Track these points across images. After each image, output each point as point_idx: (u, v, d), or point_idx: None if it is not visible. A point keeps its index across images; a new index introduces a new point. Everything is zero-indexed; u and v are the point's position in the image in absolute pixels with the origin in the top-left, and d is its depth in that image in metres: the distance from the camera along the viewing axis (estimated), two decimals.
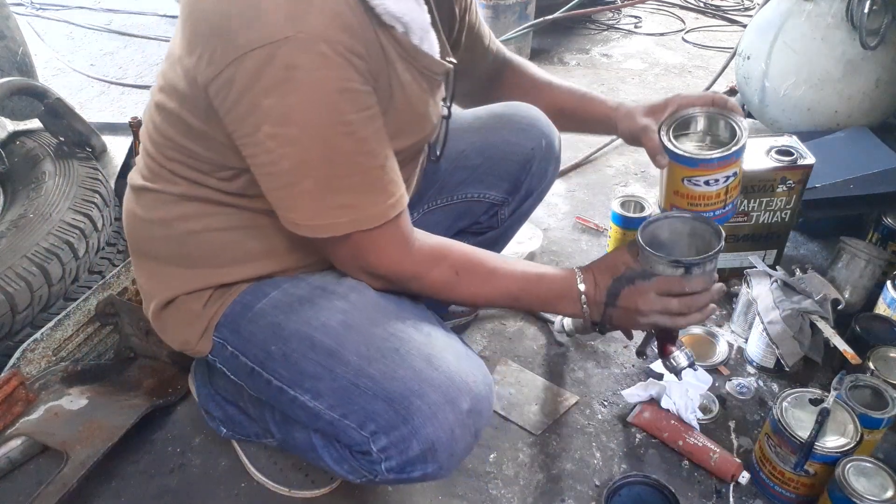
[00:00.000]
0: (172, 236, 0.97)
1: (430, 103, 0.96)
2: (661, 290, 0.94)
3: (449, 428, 0.86)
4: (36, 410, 1.19)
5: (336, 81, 0.76)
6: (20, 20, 2.01)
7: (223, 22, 0.75)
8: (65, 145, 1.56)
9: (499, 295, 0.99)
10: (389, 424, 0.86)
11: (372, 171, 0.84)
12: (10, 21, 1.90)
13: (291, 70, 0.74)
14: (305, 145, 0.79)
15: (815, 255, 1.70)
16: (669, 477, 1.15)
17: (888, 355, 1.21)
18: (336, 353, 0.89)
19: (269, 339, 0.94)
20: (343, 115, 0.78)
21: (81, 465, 1.08)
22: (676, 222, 1.01)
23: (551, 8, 2.84)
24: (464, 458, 0.93)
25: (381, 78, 0.84)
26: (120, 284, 1.38)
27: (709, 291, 0.96)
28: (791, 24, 1.88)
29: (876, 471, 0.99)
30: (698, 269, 0.93)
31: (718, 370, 1.36)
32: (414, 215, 1.23)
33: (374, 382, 0.87)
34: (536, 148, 1.25)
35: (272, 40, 0.73)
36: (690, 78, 2.80)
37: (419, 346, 0.90)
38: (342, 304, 0.93)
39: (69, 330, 1.29)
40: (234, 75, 0.75)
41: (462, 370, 0.89)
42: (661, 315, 0.95)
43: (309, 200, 0.83)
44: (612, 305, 0.97)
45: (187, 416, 1.28)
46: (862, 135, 1.74)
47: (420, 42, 0.87)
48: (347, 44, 0.76)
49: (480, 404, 0.90)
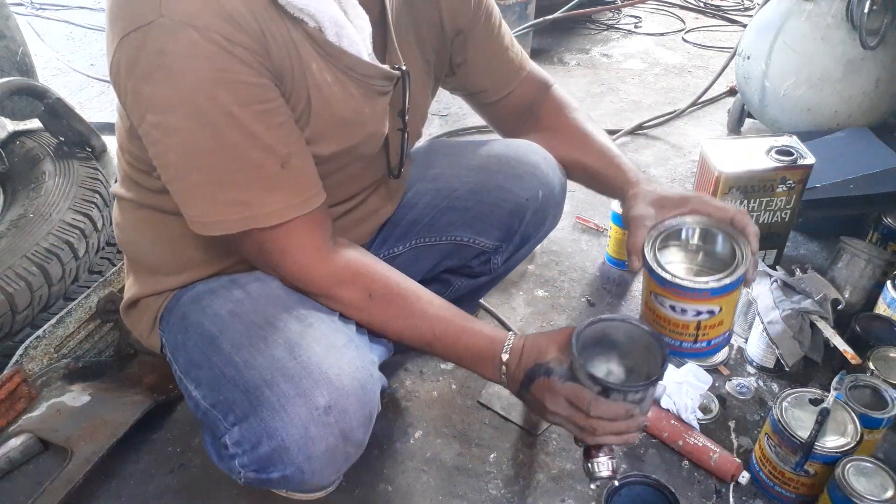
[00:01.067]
0: (136, 242, 1.01)
1: (364, 110, 0.90)
2: (569, 398, 0.84)
3: (301, 424, 0.80)
4: (38, 407, 1.19)
5: (210, 71, 0.73)
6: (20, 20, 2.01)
7: (112, 6, 0.75)
8: (65, 145, 1.56)
9: (411, 335, 0.92)
10: (243, 415, 0.82)
11: (267, 168, 0.79)
12: (10, 21, 1.90)
13: (162, 56, 0.71)
14: (188, 136, 0.76)
15: (815, 255, 1.70)
16: (669, 477, 1.15)
17: (888, 355, 1.21)
18: (215, 341, 0.87)
19: (177, 328, 0.94)
20: (224, 106, 0.74)
21: (86, 461, 1.08)
22: (635, 331, 0.88)
23: (551, 8, 2.84)
24: (335, 464, 0.85)
25: (289, 75, 0.80)
26: (121, 282, 1.38)
27: (626, 421, 0.84)
28: (791, 24, 1.88)
29: (876, 471, 0.99)
30: (617, 394, 0.82)
31: (718, 370, 1.36)
32: (399, 248, 1.19)
33: (236, 371, 0.83)
34: (531, 199, 1.16)
35: (140, 24, 0.71)
36: (690, 78, 2.80)
37: (290, 334, 0.84)
38: (239, 293, 0.91)
39: (71, 327, 1.29)
40: (120, 60, 0.75)
41: (327, 362, 0.82)
42: (567, 422, 0.87)
43: (200, 195, 0.80)
44: (525, 388, 0.89)
45: (187, 415, 1.28)
46: (862, 135, 1.74)
47: (337, 39, 0.83)
48: (226, 32, 0.72)
49: (344, 401, 0.82)
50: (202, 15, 0.71)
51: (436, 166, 1.20)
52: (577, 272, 1.67)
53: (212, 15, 0.71)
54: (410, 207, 1.18)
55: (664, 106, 2.52)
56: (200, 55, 0.72)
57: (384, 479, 1.16)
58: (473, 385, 1.35)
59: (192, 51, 0.71)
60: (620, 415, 0.84)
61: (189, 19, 0.71)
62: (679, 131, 2.37)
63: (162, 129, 0.76)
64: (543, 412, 0.89)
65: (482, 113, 1.25)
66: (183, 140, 0.77)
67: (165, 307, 1.00)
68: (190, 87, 0.73)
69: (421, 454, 1.21)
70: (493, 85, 1.16)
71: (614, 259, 1.67)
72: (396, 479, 1.17)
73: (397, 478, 1.17)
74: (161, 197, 0.89)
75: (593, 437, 0.86)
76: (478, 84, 1.16)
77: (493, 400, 1.31)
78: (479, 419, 1.28)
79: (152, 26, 0.71)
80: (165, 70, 0.72)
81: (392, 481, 1.16)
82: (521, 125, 1.21)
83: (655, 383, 0.84)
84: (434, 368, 1.39)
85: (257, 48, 0.75)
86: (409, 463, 1.20)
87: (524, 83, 1.17)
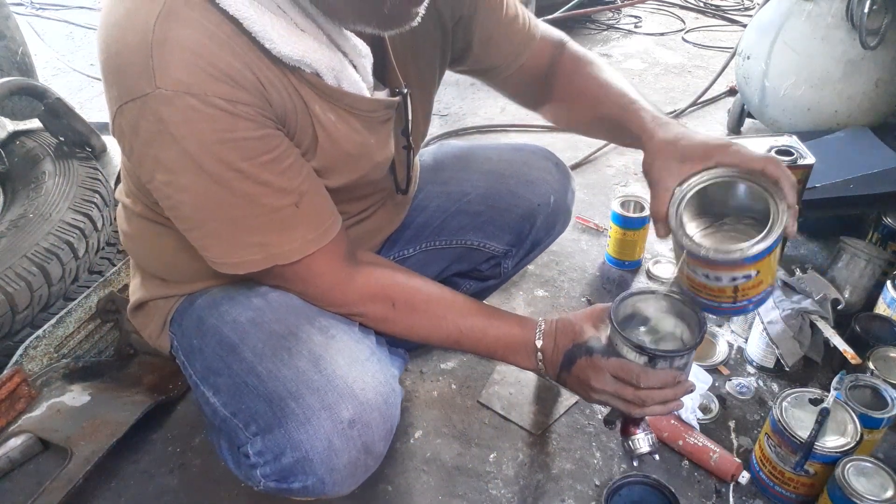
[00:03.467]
0: (142, 251, 1.01)
1: (369, 142, 0.90)
2: (616, 373, 0.85)
3: (325, 437, 0.80)
4: (38, 407, 1.19)
5: (213, 133, 0.72)
6: (20, 20, 2.01)
7: (105, 71, 0.74)
8: (65, 145, 1.56)
9: (439, 337, 0.93)
10: (267, 426, 0.82)
11: (282, 211, 0.80)
12: (9, 21, 1.90)
13: (162, 123, 0.71)
14: (199, 192, 0.76)
15: (815, 255, 1.70)
16: (669, 477, 1.15)
17: (888, 355, 1.21)
18: (236, 348, 0.87)
19: (193, 332, 0.94)
20: (231, 163, 0.75)
21: (86, 461, 1.09)
22: (664, 301, 0.88)
23: (551, 8, 2.84)
24: (355, 475, 0.86)
25: (293, 116, 0.80)
26: (121, 282, 1.38)
27: (673, 388, 0.86)
28: (791, 24, 1.88)
29: (876, 471, 0.99)
30: (664, 362, 0.83)
31: (718, 370, 1.36)
32: (409, 251, 1.19)
33: (259, 381, 0.83)
34: (543, 205, 1.17)
35: (135, 96, 0.71)
36: (690, 78, 2.80)
37: (313, 346, 0.84)
38: (259, 301, 0.91)
39: (71, 327, 1.29)
40: (122, 125, 0.75)
41: (351, 375, 0.83)
42: (613, 398, 0.87)
43: (217, 241, 0.81)
44: (566, 370, 0.90)
45: (187, 415, 1.28)
46: (862, 135, 1.74)
47: (337, 82, 0.82)
48: (224, 93, 0.71)
49: (368, 415, 0.82)
50: (197, 81, 0.70)
51: (446, 170, 1.20)
52: (577, 272, 1.67)
53: (207, 79, 0.70)
54: (421, 211, 1.18)
55: (664, 106, 2.52)
56: (201, 119, 0.71)
57: (384, 479, 1.16)
58: (473, 385, 1.35)
59: (192, 116, 0.71)
60: (669, 382, 0.84)
61: (185, 88, 0.69)
62: None
63: (173, 186, 0.77)
64: (588, 391, 0.89)
65: (498, 87, 1.18)
66: (195, 196, 0.77)
67: (177, 309, 0.99)
68: (194, 151, 0.73)
69: (421, 454, 1.21)
70: (504, 60, 1.10)
71: (614, 259, 1.67)
72: (396, 479, 1.17)
73: (397, 478, 1.17)
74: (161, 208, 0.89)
75: (640, 410, 0.87)
76: (487, 62, 1.11)
77: (493, 400, 1.31)
78: (479, 419, 1.28)
79: (148, 98, 0.70)
80: (167, 136, 0.72)
81: (392, 481, 1.16)
82: (539, 92, 1.15)
83: (697, 346, 0.84)
84: (434, 368, 1.39)
85: (258, 101, 0.75)
86: (409, 463, 1.20)
87: (537, 49, 1.11)
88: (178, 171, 0.75)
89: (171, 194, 0.78)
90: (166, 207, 0.81)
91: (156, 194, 0.80)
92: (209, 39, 0.70)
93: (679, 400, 0.88)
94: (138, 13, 0.70)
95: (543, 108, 1.17)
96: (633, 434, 0.93)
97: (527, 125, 2.38)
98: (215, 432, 0.94)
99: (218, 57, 0.71)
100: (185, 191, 0.77)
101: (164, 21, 0.69)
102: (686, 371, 0.87)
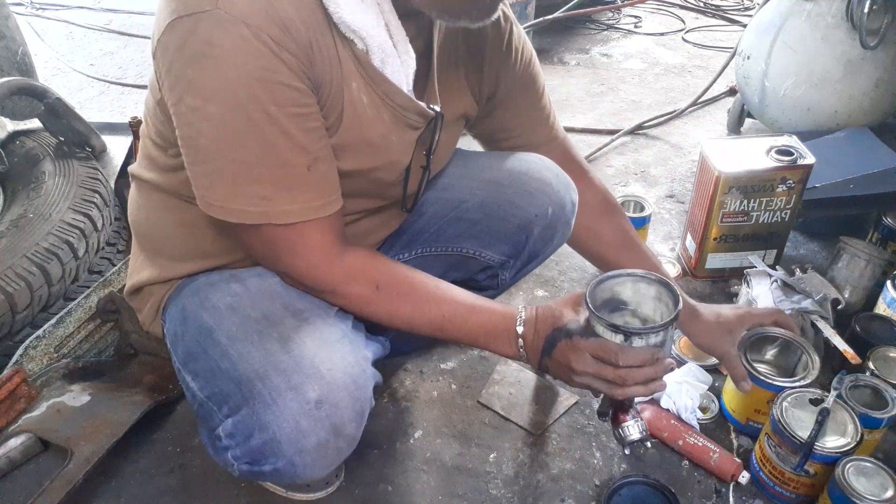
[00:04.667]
0: (147, 222, 1.02)
1: (391, 137, 0.92)
2: (595, 353, 0.86)
3: (292, 417, 0.80)
4: (38, 407, 1.19)
5: (255, 69, 0.74)
6: (20, 20, 2.02)
7: None
8: (65, 145, 1.56)
9: (421, 321, 0.93)
10: (236, 407, 0.83)
11: (294, 168, 0.81)
12: (9, 21, 1.90)
13: (210, 46, 0.73)
14: (223, 125, 0.77)
15: (815, 255, 1.70)
16: (669, 477, 1.15)
17: (888, 355, 1.21)
18: (212, 333, 0.88)
19: (177, 319, 0.96)
20: (262, 103, 0.76)
21: (86, 461, 1.08)
22: (641, 282, 0.92)
23: (551, 8, 2.84)
24: (326, 458, 0.86)
25: (328, 87, 0.82)
26: (121, 281, 1.38)
27: (653, 366, 0.86)
28: (791, 24, 1.88)
29: (876, 471, 0.99)
30: (640, 339, 0.84)
31: (718, 370, 1.36)
32: (405, 255, 1.19)
33: (230, 364, 0.85)
34: (540, 216, 1.16)
35: (193, 11, 0.72)
36: (690, 78, 2.80)
37: (284, 329, 0.85)
38: (238, 287, 0.92)
39: (71, 327, 1.29)
40: (167, 42, 0.75)
41: (319, 356, 0.83)
42: (595, 379, 0.88)
43: (221, 182, 0.81)
44: (547, 355, 0.90)
45: (187, 415, 1.28)
46: (862, 135, 1.74)
47: (381, 65, 0.84)
48: (275, 35, 0.74)
49: (335, 395, 0.82)
50: (257, 15, 0.72)
51: (445, 176, 1.19)
52: (577, 272, 1.67)
53: (266, 17, 0.73)
54: (418, 216, 1.18)
55: (664, 106, 2.52)
56: (247, 51, 0.73)
57: (384, 479, 1.16)
58: (473, 385, 1.35)
59: (240, 45, 0.73)
60: (648, 359, 0.85)
61: (243, 16, 0.72)
62: (679, 131, 2.37)
63: (198, 113, 0.77)
64: (570, 374, 0.89)
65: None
66: (216, 127, 0.77)
67: (168, 296, 1.01)
68: (232, 79, 0.74)
69: (421, 454, 1.21)
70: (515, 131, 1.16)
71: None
72: (396, 479, 1.17)
73: (397, 478, 1.17)
74: (175, 178, 0.90)
75: (622, 390, 0.87)
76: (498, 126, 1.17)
77: (493, 400, 1.31)
78: (479, 419, 1.28)
79: (205, 15, 0.72)
80: (211, 59, 0.73)
81: (392, 481, 1.16)
82: None
83: (672, 324, 0.86)
84: (434, 368, 1.39)
85: (302, 56, 0.77)
86: (409, 463, 1.19)
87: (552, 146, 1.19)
88: (209, 98, 0.76)
89: (193, 121, 0.78)
90: (182, 136, 0.81)
91: (177, 120, 0.80)
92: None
93: (661, 380, 0.88)
94: None
95: None
96: (623, 421, 0.94)
97: None
98: (200, 421, 0.95)
99: (281, 4, 0.74)
100: (208, 120, 0.77)
101: None
102: (665, 349, 0.88)
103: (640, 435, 0.93)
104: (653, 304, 0.92)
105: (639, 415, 0.95)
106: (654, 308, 0.92)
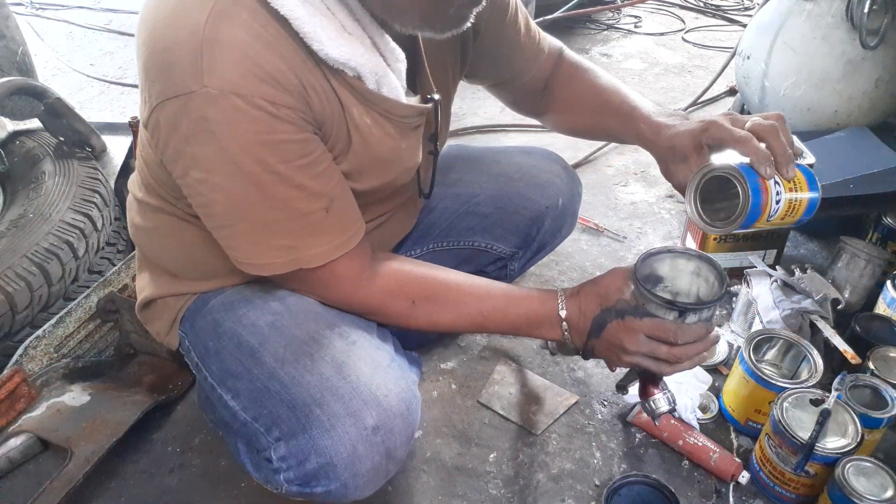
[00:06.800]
0: (155, 246, 1.00)
1: (401, 147, 0.92)
2: (652, 333, 0.87)
3: (350, 443, 0.81)
4: (38, 407, 1.19)
5: (255, 135, 0.73)
6: (20, 20, 2.01)
7: (148, 66, 0.74)
8: (65, 145, 1.56)
9: (462, 323, 0.95)
10: (290, 432, 0.82)
11: (312, 216, 0.81)
12: (9, 21, 1.90)
13: (206, 121, 0.72)
14: (234, 192, 0.77)
15: (815, 255, 1.70)
16: (669, 477, 1.15)
17: (888, 355, 1.21)
18: (256, 353, 0.87)
19: (208, 334, 0.94)
20: (269, 166, 0.75)
21: (86, 461, 1.09)
22: (680, 258, 0.93)
23: (551, 8, 2.84)
24: (377, 480, 0.87)
25: (330, 120, 0.81)
26: (120, 281, 1.38)
27: (702, 341, 0.88)
28: (791, 24, 1.87)
29: (876, 471, 0.99)
30: (694, 315, 0.86)
31: (718, 370, 1.36)
32: (417, 251, 1.20)
33: (282, 386, 0.84)
34: (551, 207, 1.18)
35: (180, 93, 0.71)
36: (690, 78, 2.80)
37: (336, 352, 0.85)
38: (277, 305, 0.91)
39: (71, 327, 1.29)
40: (159, 120, 0.75)
41: (374, 382, 0.84)
42: (646, 358, 0.89)
43: (246, 242, 0.82)
44: (595, 336, 0.90)
45: (187, 415, 1.28)
46: (862, 135, 1.74)
47: (377, 87, 0.83)
48: (269, 95, 0.72)
49: (391, 421, 0.83)
50: (245, 81, 0.71)
51: (455, 171, 1.20)
52: (577, 272, 1.67)
53: (255, 79, 0.71)
54: (429, 211, 1.19)
55: (664, 105, 2.51)
56: (245, 120, 0.72)
57: None
58: (473, 385, 1.35)
59: (236, 117, 0.72)
60: (702, 335, 0.87)
61: (232, 87, 0.70)
62: None
63: (207, 185, 0.77)
64: (620, 354, 0.90)
65: (500, 97, 1.22)
66: (229, 196, 0.77)
67: (188, 308, 0.99)
68: (234, 150, 0.74)
69: (421, 454, 1.21)
70: (515, 74, 1.13)
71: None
72: (396, 479, 1.16)
73: (397, 478, 1.17)
74: (182, 202, 0.89)
75: (672, 367, 0.89)
76: (499, 76, 1.14)
77: (493, 400, 1.31)
78: (479, 419, 1.28)
79: (194, 95, 0.70)
80: (208, 134, 0.72)
81: (392, 481, 1.16)
82: (540, 101, 1.19)
83: (721, 299, 0.87)
84: (434, 368, 1.39)
85: (300, 104, 0.76)
86: (409, 463, 1.19)
87: (543, 61, 1.15)
88: (215, 170, 0.75)
89: (203, 192, 0.78)
90: (197, 205, 0.81)
91: (186, 191, 0.80)
92: (257, 40, 0.71)
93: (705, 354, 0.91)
94: (188, 11, 0.70)
95: (544, 116, 1.20)
96: (653, 395, 0.95)
97: (526, 125, 2.38)
98: (232, 434, 0.94)
99: (265, 58, 0.71)
100: (219, 190, 0.77)
101: (216, 20, 0.69)
102: (712, 323, 0.90)
103: (670, 406, 0.95)
104: (689, 278, 0.93)
105: (667, 386, 0.96)
106: (689, 282, 0.93)
